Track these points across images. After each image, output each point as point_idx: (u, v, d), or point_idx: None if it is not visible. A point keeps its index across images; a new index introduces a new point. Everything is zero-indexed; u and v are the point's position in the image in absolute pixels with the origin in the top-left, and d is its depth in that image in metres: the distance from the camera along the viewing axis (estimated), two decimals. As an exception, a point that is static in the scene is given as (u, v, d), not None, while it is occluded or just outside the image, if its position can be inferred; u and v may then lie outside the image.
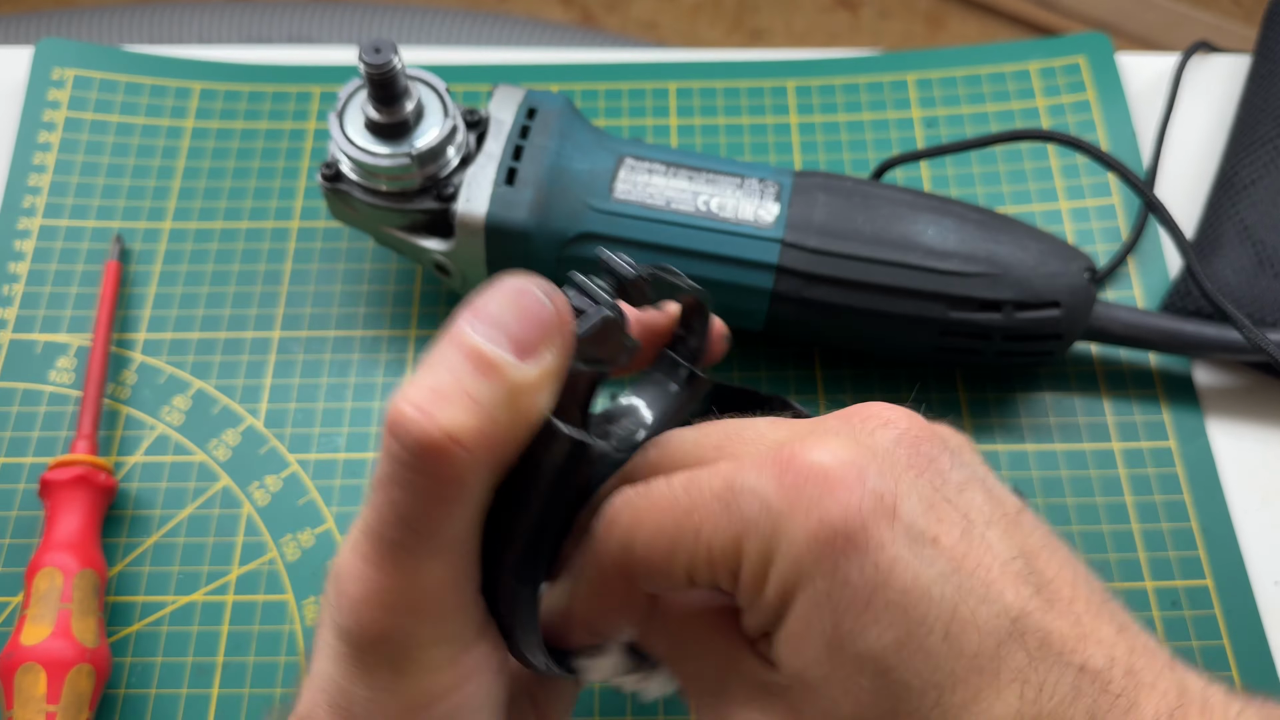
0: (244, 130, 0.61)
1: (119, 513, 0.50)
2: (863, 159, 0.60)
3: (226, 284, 0.56)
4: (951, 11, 1.76)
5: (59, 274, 0.56)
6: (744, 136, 0.61)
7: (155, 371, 0.54)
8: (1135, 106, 0.61)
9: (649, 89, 0.62)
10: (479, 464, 0.24)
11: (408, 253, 0.52)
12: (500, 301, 0.25)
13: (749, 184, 0.49)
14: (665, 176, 0.50)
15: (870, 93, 0.62)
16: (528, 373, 0.24)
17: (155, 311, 0.55)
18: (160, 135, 0.61)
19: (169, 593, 0.48)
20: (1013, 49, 0.63)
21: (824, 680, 0.24)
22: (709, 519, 0.25)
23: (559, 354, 0.25)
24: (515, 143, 0.49)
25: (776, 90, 0.62)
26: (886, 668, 0.24)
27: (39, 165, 0.59)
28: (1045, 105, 0.61)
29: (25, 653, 0.43)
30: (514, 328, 0.24)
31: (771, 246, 0.48)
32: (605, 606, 0.29)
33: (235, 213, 0.58)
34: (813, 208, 0.49)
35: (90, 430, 0.50)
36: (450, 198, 0.49)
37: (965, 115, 0.61)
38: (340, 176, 0.50)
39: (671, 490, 0.26)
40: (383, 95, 0.47)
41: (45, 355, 0.54)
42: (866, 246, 0.48)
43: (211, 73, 0.63)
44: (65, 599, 0.44)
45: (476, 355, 0.24)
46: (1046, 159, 0.59)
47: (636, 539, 0.27)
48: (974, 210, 0.49)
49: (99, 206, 0.58)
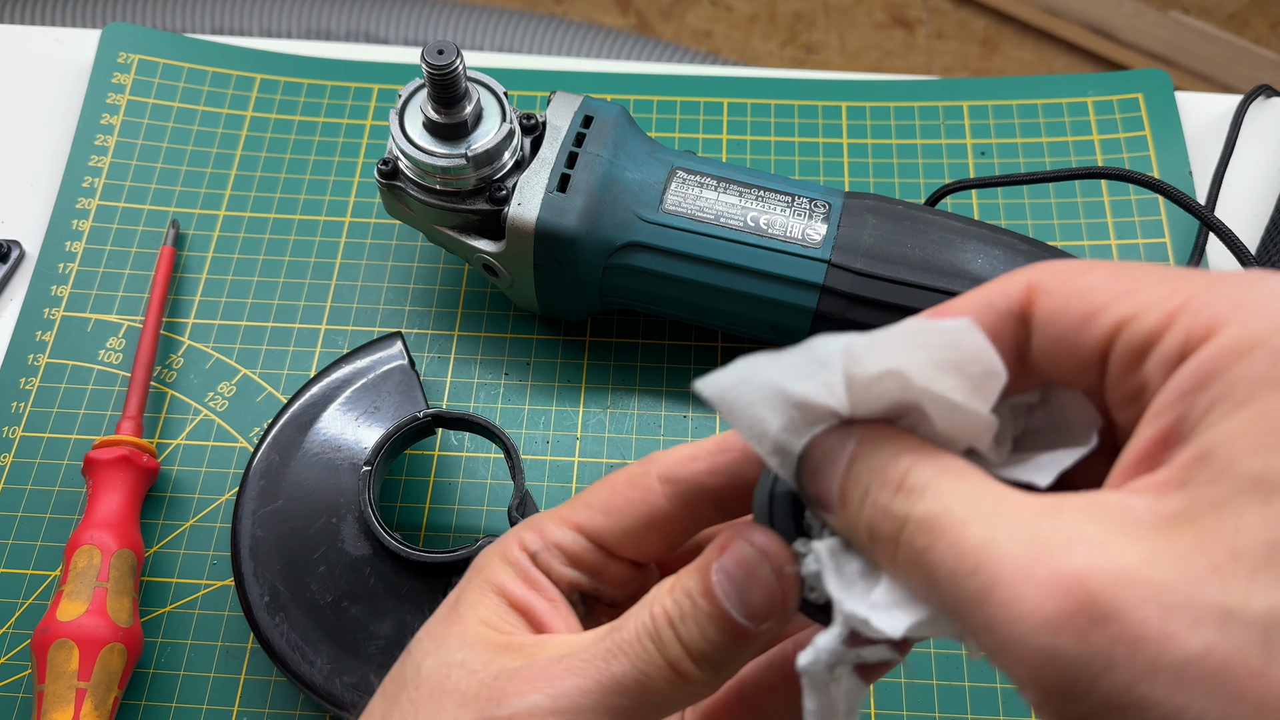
0: (301, 123, 0.62)
1: (158, 494, 0.51)
2: (914, 183, 0.60)
3: (277, 274, 0.57)
4: (1007, 35, 1.75)
5: (113, 255, 0.57)
6: (794, 155, 0.61)
7: (202, 356, 0.54)
8: (1192, 145, 0.61)
9: (702, 103, 0.63)
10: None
11: (458, 251, 0.52)
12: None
13: (799, 202, 0.50)
14: (716, 191, 0.50)
15: (924, 117, 0.62)
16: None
17: (205, 297, 0.56)
18: (219, 123, 0.62)
19: (203, 576, 0.49)
20: (1070, 81, 0.63)
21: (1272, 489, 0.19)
22: (1195, 281, 0.22)
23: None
24: (570, 149, 0.50)
25: (830, 110, 0.62)
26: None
27: (100, 146, 0.60)
28: (1101, 140, 0.60)
29: (60, 628, 0.43)
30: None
31: (818, 266, 0.48)
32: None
33: (289, 204, 0.59)
34: (861, 230, 0.49)
35: (136, 412, 0.50)
36: (503, 200, 0.49)
37: (1019, 145, 0.61)
38: (396, 173, 0.50)
39: (1107, 265, 0.24)
40: (443, 96, 0.47)
41: (96, 334, 0.55)
42: (913, 272, 0.48)
43: (273, 64, 0.63)
44: (102, 577, 0.45)
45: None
46: (1099, 194, 0.59)
47: (1082, 278, 0.24)
48: (1024, 241, 0.49)
49: (156, 190, 0.59)
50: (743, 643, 0.27)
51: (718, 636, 0.27)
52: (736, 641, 0.27)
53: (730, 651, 0.27)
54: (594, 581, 0.31)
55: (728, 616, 0.26)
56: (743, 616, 0.26)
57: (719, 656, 0.27)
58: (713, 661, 0.27)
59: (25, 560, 0.49)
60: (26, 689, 0.47)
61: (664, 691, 0.27)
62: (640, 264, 0.49)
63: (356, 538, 0.46)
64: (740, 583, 0.27)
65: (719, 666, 0.27)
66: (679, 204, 0.49)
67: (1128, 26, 1.64)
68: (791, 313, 0.49)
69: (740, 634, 0.27)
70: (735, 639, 0.27)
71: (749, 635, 0.27)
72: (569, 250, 0.49)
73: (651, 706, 0.27)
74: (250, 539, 0.46)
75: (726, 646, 0.27)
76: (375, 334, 0.55)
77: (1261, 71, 1.59)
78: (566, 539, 0.31)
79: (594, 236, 0.49)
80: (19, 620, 0.48)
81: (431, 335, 0.55)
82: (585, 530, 0.31)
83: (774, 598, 0.26)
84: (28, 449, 0.52)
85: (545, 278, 0.51)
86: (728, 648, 0.27)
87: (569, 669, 0.27)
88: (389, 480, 0.51)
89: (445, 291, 0.57)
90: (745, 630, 0.26)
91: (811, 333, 0.50)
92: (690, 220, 0.49)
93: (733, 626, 0.26)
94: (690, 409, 0.53)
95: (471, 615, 0.29)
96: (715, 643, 0.27)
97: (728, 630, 0.26)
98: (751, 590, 0.26)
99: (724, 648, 0.27)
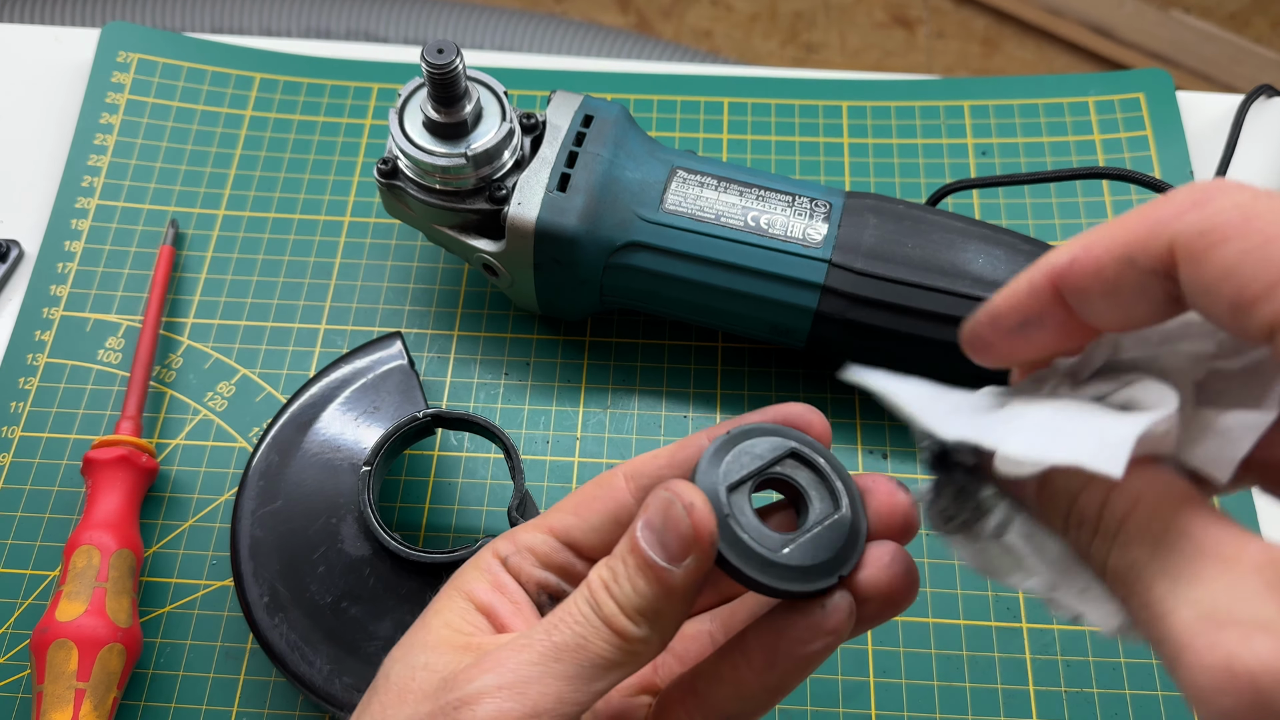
0: (301, 122, 0.62)
1: (157, 494, 0.51)
2: (914, 183, 0.59)
3: (276, 274, 0.57)
4: (1008, 35, 1.75)
5: (112, 254, 0.57)
6: (795, 154, 0.61)
7: (202, 356, 0.54)
8: (1193, 145, 0.60)
9: (703, 102, 0.63)
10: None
11: (457, 251, 0.52)
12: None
13: (800, 202, 0.49)
14: (716, 190, 0.50)
15: (925, 117, 0.62)
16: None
17: (204, 297, 0.56)
18: (219, 122, 0.61)
19: (202, 577, 0.49)
20: (1072, 81, 0.62)
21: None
22: (1200, 202, 0.22)
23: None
24: (570, 149, 0.50)
25: (830, 110, 0.62)
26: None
27: (99, 146, 0.60)
28: (1102, 139, 0.60)
29: (59, 629, 0.43)
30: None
31: (818, 266, 0.48)
32: (1105, 288, 0.24)
33: (288, 204, 0.59)
34: (862, 229, 0.49)
35: (135, 412, 0.50)
36: (503, 200, 0.49)
37: (1020, 145, 0.60)
38: (396, 173, 0.50)
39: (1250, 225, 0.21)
40: (443, 96, 0.47)
41: (95, 334, 0.55)
42: (914, 272, 0.48)
43: (272, 63, 0.63)
44: (101, 578, 0.45)
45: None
46: (1101, 194, 0.59)
47: (1231, 242, 0.21)
48: (1025, 241, 0.49)
49: (155, 190, 0.59)
50: (669, 589, 0.28)
51: (646, 586, 0.28)
52: (664, 589, 0.28)
53: (661, 601, 0.28)
54: (562, 581, 0.32)
55: (652, 563, 0.28)
56: (664, 559, 0.28)
57: (651, 608, 0.28)
58: (646, 615, 0.28)
59: (24, 560, 0.49)
60: (26, 689, 0.47)
61: (605, 652, 0.28)
62: (640, 264, 0.49)
63: (356, 538, 0.46)
64: (658, 527, 0.28)
65: (653, 620, 0.28)
66: (679, 204, 0.49)
67: (1129, 26, 1.64)
68: (792, 313, 0.49)
69: (665, 579, 0.28)
70: (662, 586, 0.28)
71: (672, 579, 0.28)
72: (569, 250, 0.49)
73: (595, 670, 0.28)
74: (249, 539, 0.46)
75: (656, 596, 0.28)
76: (375, 334, 0.55)
77: (1263, 71, 1.58)
78: (536, 541, 0.32)
79: (594, 236, 0.49)
80: (18, 620, 0.48)
81: (431, 335, 0.55)
82: (555, 531, 0.32)
83: (687, 533, 0.28)
84: (27, 449, 0.52)
85: (545, 277, 0.51)
86: (657, 597, 0.28)
87: (514, 647, 0.28)
88: (388, 480, 0.51)
89: (445, 291, 0.57)
90: (668, 574, 0.28)
91: (812, 332, 0.50)
92: (691, 220, 0.49)
93: (658, 573, 0.28)
94: (691, 409, 0.53)
95: (437, 620, 0.31)
96: (645, 594, 0.28)
97: (654, 578, 0.28)
98: (668, 532, 0.28)
99: (654, 598, 0.28)
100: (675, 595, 0.28)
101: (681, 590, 0.28)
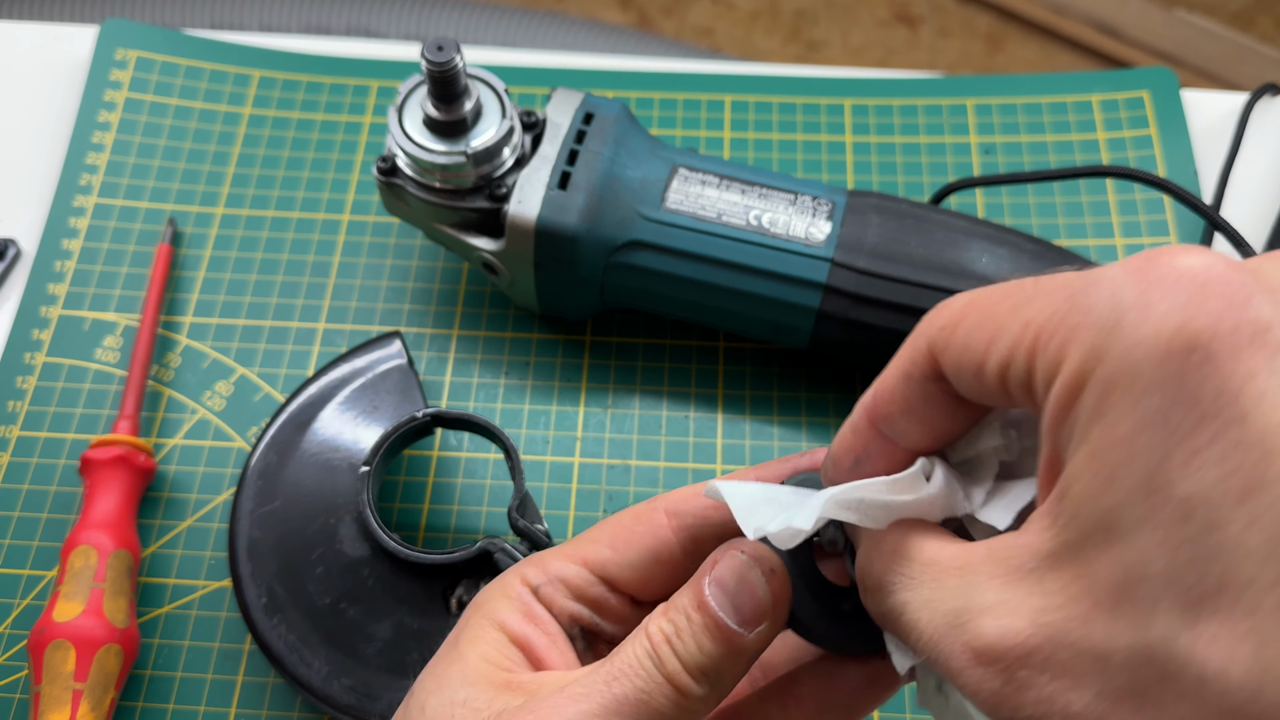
0: (300, 120, 0.61)
1: (155, 494, 0.50)
2: (917, 181, 0.59)
3: (275, 273, 0.57)
4: (1011, 33, 1.75)
5: (110, 253, 0.57)
6: (797, 153, 0.60)
7: (199, 355, 0.54)
8: (1197, 144, 0.60)
9: (704, 100, 0.62)
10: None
11: (457, 250, 0.52)
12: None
13: (802, 200, 0.49)
14: (718, 189, 0.49)
15: (928, 115, 0.61)
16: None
17: (202, 296, 0.56)
18: (217, 120, 0.61)
19: (200, 577, 0.49)
20: (1076, 79, 0.62)
21: (1134, 524, 0.20)
22: (1046, 307, 0.23)
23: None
24: (570, 147, 0.49)
25: (833, 108, 0.62)
26: (1218, 521, 0.19)
27: (97, 144, 0.60)
28: (1106, 138, 0.60)
29: (56, 629, 0.43)
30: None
31: (821, 265, 0.48)
32: (901, 408, 0.27)
33: (287, 202, 0.59)
34: (865, 228, 0.48)
35: (132, 411, 0.50)
36: (503, 198, 0.49)
37: (1024, 143, 0.60)
38: (395, 171, 0.50)
39: (1013, 283, 0.24)
40: (443, 93, 0.47)
41: (93, 333, 0.55)
42: (917, 271, 0.47)
43: (271, 61, 0.63)
44: (99, 578, 0.45)
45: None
46: (1104, 193, 0.58)
47: (962, 325, 0.24)
48: (1029, 240, 0.49)
49: (153, 188, 0.59)
50: (737, 652, 0.28)
51: (713, 648, 0.28)
52: (732, 651, 0.28)
53: (726, 662, 0.28)
54: (595, 616, 0.31)
55: (722, 625, 0.28)
56: (736, 623, 0.28)
57: (715, 669, 0.27)
58: (709, 675, 0.27)
59: (22, 560, 0.49)
60: (23, 690, 0.46)
61: (665, 709, 0.27)
62: (642, 263, 0.49)
63: (355, 539, 0.46)
64: (732, 590, 0.28)
65: (715, 680, 0.28)
66: (681, 202, 0.49)
67: (1133, 24, 1.64)
68: (794, 312, 0.49)
69: (735, 642, 0.28)
70: (730, 648, 0.28)
71: (743, 643, 0.28)
72: (569, 248, 0.49)
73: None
74: (248, 539, 0.46)
75: (722, 657, 0.28)
76: (374, 333, 0.55)
77: (1267, 70, 1.58)
78: (570, 572, 0.31)
79: (595, 235, 0.48)
80: (15, 621, 0.48)
81: (431, 334, 0.55)
82: (590, 564, 0.31)
83: (764, 600, 0.28)
84: (24, 448, 0.52)
85: (545, 276, 0.50)
86: (723, 658, 0.28)
87: (571, 697, 0.27)
88: (387, 481, 0.51)
89: (444, 290, 0.56)
90: (739, 637, 0.28)
91: (815, 332, 0.49)
92: (692, 218, 0.49)
93: (727, 635, 0.28)
94: (692, 409, 0.53)
95: (472, 651, 0.30)
96: (711, 654, 0.27)
97: (722, 640, 0.28)
98: (742, 595, 0.28)
99: (720, 659, 0.28)
100: (743, 658, 0.28)
101: (750, 654, 0.28)
